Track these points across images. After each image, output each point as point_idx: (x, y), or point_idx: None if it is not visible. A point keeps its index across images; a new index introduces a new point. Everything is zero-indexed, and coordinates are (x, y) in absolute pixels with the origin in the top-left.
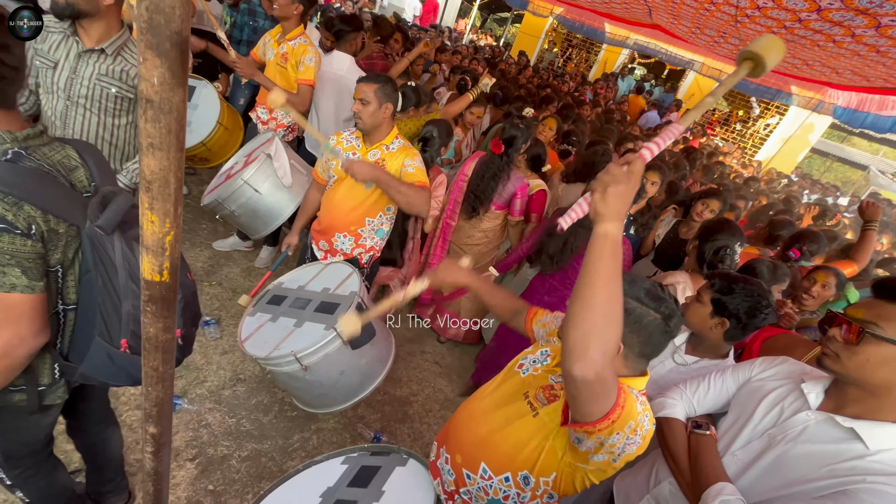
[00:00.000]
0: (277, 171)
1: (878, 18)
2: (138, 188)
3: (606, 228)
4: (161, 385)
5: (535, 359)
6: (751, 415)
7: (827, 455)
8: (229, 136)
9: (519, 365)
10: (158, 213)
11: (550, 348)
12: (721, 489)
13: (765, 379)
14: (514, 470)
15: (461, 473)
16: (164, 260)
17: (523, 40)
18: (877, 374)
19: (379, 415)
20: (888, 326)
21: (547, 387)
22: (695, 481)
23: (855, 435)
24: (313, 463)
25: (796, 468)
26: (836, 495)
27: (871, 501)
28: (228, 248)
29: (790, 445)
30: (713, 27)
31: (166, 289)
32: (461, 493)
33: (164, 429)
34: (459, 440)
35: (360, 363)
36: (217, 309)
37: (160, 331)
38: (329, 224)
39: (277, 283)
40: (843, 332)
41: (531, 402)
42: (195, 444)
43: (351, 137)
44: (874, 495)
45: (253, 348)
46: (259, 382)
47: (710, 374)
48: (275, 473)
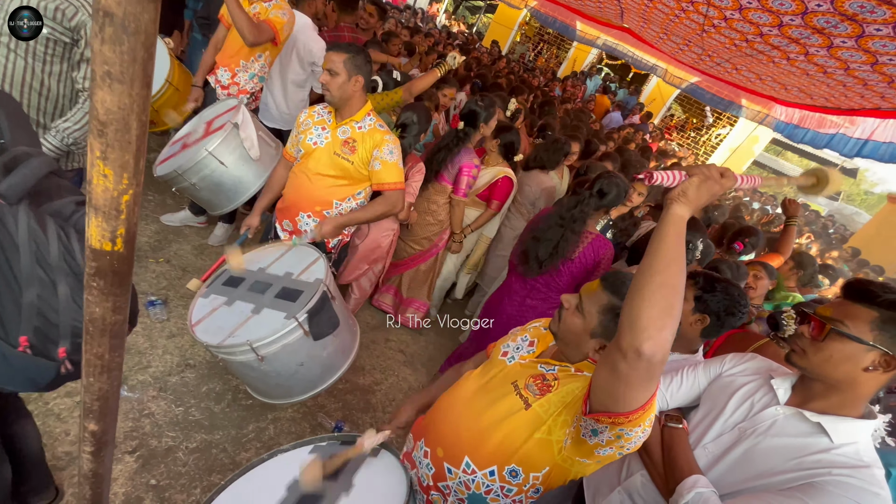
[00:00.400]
0: (244, 142)
1: (831, 39)
2: (72, 152)
3: (684, 212)
4: (106, 375)
5: (518, 346)
6: (722, 409)
7: (795, 448)
8: (179, 99)
9: (503, 353)
10: (114, 164)
11: (530, 335)
12: (695, 481)
13: (735, 374)
14: (501, 464)
15: (441, 468)
16: (118, 225)
17: (496, 30)
18: (839, 370)
19: (340, 404)
20: (853, 325)
21: (538, 377)
22: (668, 473)
23: (821, 429)
24: (279, 452)
25: (765, 461)
26: (804, 487)
27: (836, 493)
28: (178, 222)
29: (760, 439)
30: (680, 34)
31: (120, 261)
32: (439, 486)
33: (106, 426)
34: (441, 434)
35: (322, 354)
36: (164, 288)
37: (108, 311)
38: (293, 202)
39: None
40: (810, 330)
41: (521, 393)
42: (136, 435)
43: (322, 111)
44: (840, 487)
45: (204, 334)
46: (210, 369)
47: (683, 369)
48: (227, 466)
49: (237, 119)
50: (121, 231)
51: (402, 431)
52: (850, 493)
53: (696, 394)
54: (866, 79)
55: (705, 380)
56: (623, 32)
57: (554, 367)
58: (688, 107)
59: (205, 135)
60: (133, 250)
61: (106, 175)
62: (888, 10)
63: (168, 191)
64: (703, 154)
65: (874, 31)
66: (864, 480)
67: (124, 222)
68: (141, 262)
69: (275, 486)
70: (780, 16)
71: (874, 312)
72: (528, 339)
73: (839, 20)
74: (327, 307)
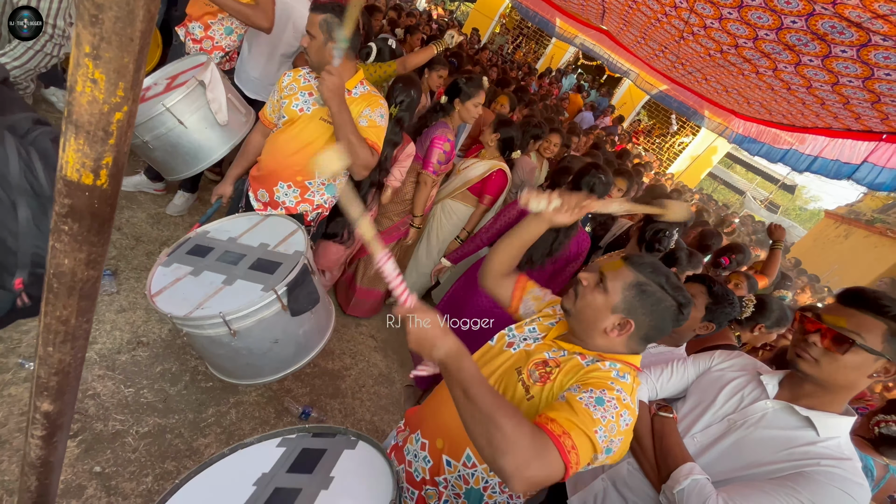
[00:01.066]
0: (211, 103)
1: (799, 56)
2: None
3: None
4: (70, 345)
5: (526, 336)
6: (712, 401)
7: (784, 440)
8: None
9: (508, 344)
10: (108, 67)
11: (538, 326)
12: (691, 469)
13: (724, 369)
14: None
15: (440, 460)
16: (104, 152)
17: (476, 18)
18: (847, 377)
19: (308, 388)
20: (868, 336)
21: (541, 363)
22: (661, 461)
23: (809, 423)
24: (242, 445)
25: (755, 451)
26: (794, 476)
27: (825, 482)
28: (132, 187)
29: (750, 430)
30: (657, 40)
31: (102, 200)
32: (436, 480)
33: (63, 406)
34: (442, 424)
35: (298, 332)
36: (114, 258)
37: (80, 265)
38: (271, 170)
39: (201, 231)
40: (825, 341)
41: (524, 380)
42: (78, 417)
43: (310, 76)
44: (828, 477)
45: (167, 305)
46: (166, 348)
47: (672, 362)
48: (182, 452)
49: (204, 77)
50: (107, 160)
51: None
52: (837, 483)
53: (684, 386)
54: (825, 98)
55: (694, 373)
56: (601, 34)
57: (563, 352)
58: (655, 113)
59: (166, 89)
60: (118, 189)
61: (96, 81)
62: (856, 32)
63: None
64: (666, 160)
65: (839, 53)
66: (848, 471)
67: (113, 149)
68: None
69: (240, 483)
70: (757, 30)
71: (884, 324)
72: (537, 331)
73: (810, 38)
74: (307, 281)
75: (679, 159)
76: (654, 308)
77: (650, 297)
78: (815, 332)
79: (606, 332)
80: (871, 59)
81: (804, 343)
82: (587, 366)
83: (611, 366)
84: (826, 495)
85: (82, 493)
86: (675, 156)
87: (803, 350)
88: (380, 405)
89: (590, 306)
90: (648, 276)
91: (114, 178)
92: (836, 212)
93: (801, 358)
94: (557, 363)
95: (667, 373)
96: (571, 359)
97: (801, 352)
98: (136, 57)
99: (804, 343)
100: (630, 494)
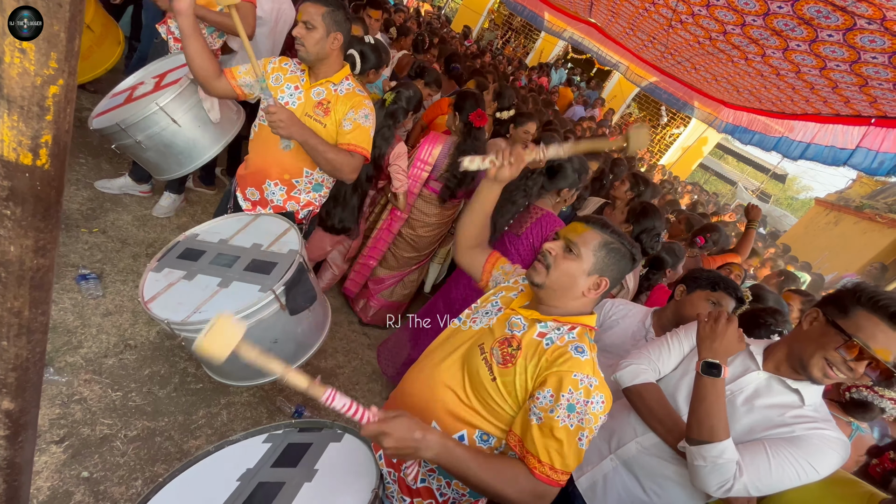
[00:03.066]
0: (204, 102)
1: (787, 41)
2: None
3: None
4: (26, 339)
5: (488, 311)
6: None
7: (777, 406)
8: (95, 44)
9: (473, 320)
10: (39, 38)
11: (500, 299)
12: (730, 450)
13: None
14: (471, 429)
15: None
16: (41, 128)
17: (465, 15)
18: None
19: None
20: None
21: (504, 341)
22: (702, 419)
23: (795, 391)
24: (228, 442)
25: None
26: (792, 439)
27: (818, 444)
28: (117, 190)
29: (747, 400)
30: (646, 30)
31: (44, 182)
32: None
33: (26, 404)
34: (410, 404)
35: (297, 331)
36: (99, 261)
37: (28, 252)
38: (259, 168)
39: (190, 234)
40: (876, 375)
41: (487, 359)
42: (64, 422)
43: (295, 68)
44: (821, 439)
45: (163, 311)
46: (154, 350)
47: (667, 338)
48: (173, 455)
49: None
50: (46, 138)
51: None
52: (828, 444)
53: (680, 358)
54: (814, 83)
55: (688, 345)
56: (589, 27)
57: (521, 318)
58: (645, 105)
59: (155, 88)
60: (63, 170)
61: (24, 51)
62: (841, 16)
63: (104, 154)
64: (657, 152)
65: (826, 37)
66: (833, 431)
67: (51, 126)
68: (71, 231)
69: (224, 479)
70: (744, 15)
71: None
72: (499, 305)
73: (797, 23)
74: (304, 279)
75: (670, 150)
76: (619, 262)
77: (616, 254)
78: (870, 366)
79: (584, 294)
80: (857, 43)
81: (858, 370)
82: (547, 346)
83: (569, 337)
84: (821, 455)
85: (70, 498)
86: (665, 147)
87: (852, 373)
88: (374, 402)
89: (565, 274)
90: (610, 235)
91: (56, 158)
92: (826, 199)
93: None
94: (518, 342)
95: (665, 350)
96: (529, 332)
97: (853, 374)
98: (67, 25)
99: (858, 370)
100: (641, 473)
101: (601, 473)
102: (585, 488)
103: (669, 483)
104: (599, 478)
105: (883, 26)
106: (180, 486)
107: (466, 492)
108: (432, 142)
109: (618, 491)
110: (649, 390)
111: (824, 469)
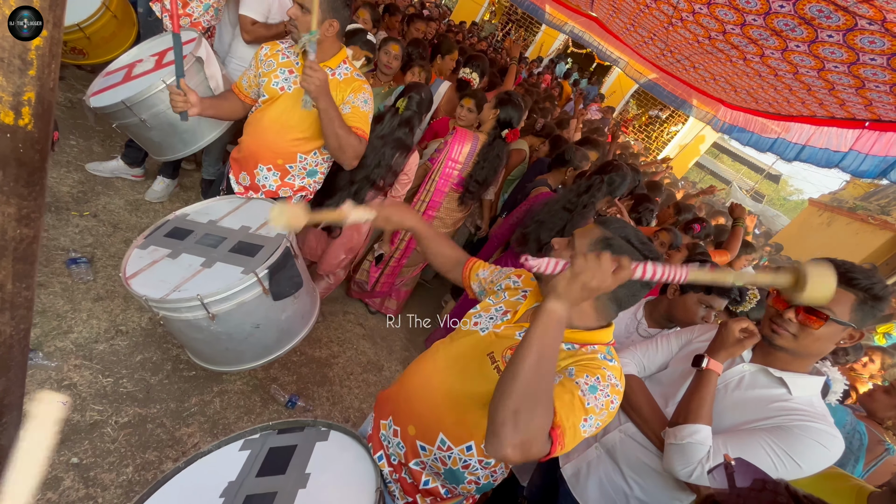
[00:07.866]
0: (210, 80)
1: (786, 42)
2: None
3: (556, 307)
4: (9, 314)
5: (492, 315)
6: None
7: (762, 399)
8: (116, 29)
9: (474, 323)
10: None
11: (504, 304)
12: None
13: (705, 341)
14: (479, 439)
15: (414, 446)
16: (23, 84)
17: (465, 6)
18: (820, 347)
19: (295, 376)
20: (839, 310)
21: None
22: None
23: (782, 383)
24: (199, 455)
25: (738, 411)
26: (775, 429)
27: (800, 434)
28: (109, 173)
29: (732, 392)
30: (646, 27)
31: (28, 144)
32: (411, 464)
33: (10, 384)
34: (412, 411)
35: (280, 318)
36: (90, 245)
37: (10, 221)
38: (252, 152)
39: (180, 213)
40: (800, 316)
41: (499, 365)
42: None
43: (289, 52)
44: (805, 430)
45: (142, 287)
46: (146, 336)
47: (657, 338)
48: (165, 442)
49: (200, 52)
50: (29, 95)
51: (386, 222)
52: (812, 435)
53: (667, 358)
54: (811, 84)
55: (677, 346)
56: (591, 21)
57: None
58: (643, 102)
59: (157, 66)
60: (49, 132)
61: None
62: (843, 16)
63: (95, 136)
64: (654, 149)
65: (826, 38)
66: (821, 424)
67: (34, 82)
68: (61, 213)
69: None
70: (745, 14)
71: (853, 295)
72: (503, 309)
73: (797, 23)
74: (290, 265)
75: (668, 147)
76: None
77: (616, 252)
78: (789, 308)
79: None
80: (857, 44)
81: (780, 319)
82: (567, 349)
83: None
84: (803, 447)
85: (59, 484)
86: (663, 144)
87: (779, 326)
88: (368, 392)
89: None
90: (614, 231)
91: (40, 118)
92: (819, 200)
93: (776, 334)
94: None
95: (653, 348)
96: None
97: (777, 328)
98: None
99: (780, 319)
100: (623, 462)
101: (585, 461)
102: (570, 475)
103: (649, 471)
104: (583, 465)
105: (883, 27)
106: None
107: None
108: (461, 140)
109: (599, 478)
110: (630, 382)
111: (808, 463)
